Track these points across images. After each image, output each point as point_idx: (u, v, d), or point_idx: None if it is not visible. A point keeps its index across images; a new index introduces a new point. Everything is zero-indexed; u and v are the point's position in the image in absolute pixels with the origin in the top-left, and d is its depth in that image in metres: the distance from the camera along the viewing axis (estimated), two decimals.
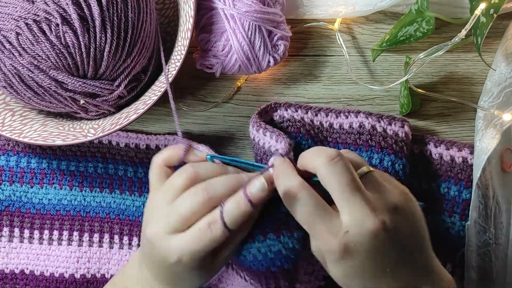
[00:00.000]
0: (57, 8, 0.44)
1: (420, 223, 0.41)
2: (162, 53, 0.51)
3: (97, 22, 0.45)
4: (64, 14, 0.45)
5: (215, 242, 0.41)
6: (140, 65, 0.50)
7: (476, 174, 0.49)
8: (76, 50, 0.46)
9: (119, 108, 0.53)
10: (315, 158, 0.40)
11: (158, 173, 0.46)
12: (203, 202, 0.42)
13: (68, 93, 0.48)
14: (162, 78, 0.52)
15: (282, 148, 0.46)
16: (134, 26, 0.48)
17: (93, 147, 0.56)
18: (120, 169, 0.56)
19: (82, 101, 0.49)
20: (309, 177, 0.42)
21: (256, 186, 0.42)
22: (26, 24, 0.45)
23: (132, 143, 0.56)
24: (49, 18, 0.45)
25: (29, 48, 0.45)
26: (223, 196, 0.42)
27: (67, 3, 0.44)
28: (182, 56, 0.49)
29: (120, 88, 0.50)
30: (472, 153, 0.51)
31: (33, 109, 0.54)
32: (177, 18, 0.54)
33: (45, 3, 0.44)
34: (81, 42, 0.45)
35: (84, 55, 0.46)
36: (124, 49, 0.48)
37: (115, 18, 0.46)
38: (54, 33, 0.45)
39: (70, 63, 0.46)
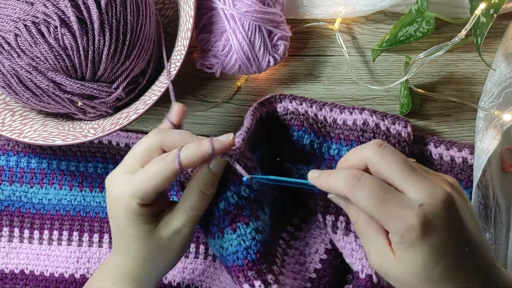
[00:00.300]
0: (56, 10, 0.44)
1: (471, 204, 0.40)
2: (164, 53, 0.51)
3: (96, 25, 0.45)
4: (63, 17, 0.45)
5: (164, 175, 0.40)
6: (138, 68, 0.50)
7: (477, 175, 0.49)
8: (74, 53, 0.46)
9: (117, 109, 0.53)
10: (362, 151, 0.38)
11: (141, 155, 0.43)
12: (155, 140, 0.42)
13: (66, 94, 0.48)
14: (162, 78, 0.52)
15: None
16: (133, 29, 0.48)
17: (93, 147, 0.56)
18: None
19: (80, 103, 0.49)
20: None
21: (222, 137, 0.42)
22: (25, 25, 0.45)
23: (132, 143, 0.56)
24: (48, 20, 0.45)
25: (28, 49, 0.45)
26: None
27: (66, 6, 0.44)
28: (182, 56, 0.49)
29: (118, 90, 0.50)
30: (472, 153, 0.51)
31: (33, 109, 0.54)
32: (177, 18, 0.53)
33: (44, 5, 0.44)
34: (80, 45, 0.45)
35: (83, 58, 0.46)
36: (122, 52, 0.48)
37: (114, 21, 0.46)
38: (52, 35, 0.45)
39: (68, 65, 0.46)
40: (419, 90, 0.52)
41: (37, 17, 0.45)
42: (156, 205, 0.43)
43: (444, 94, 0.55)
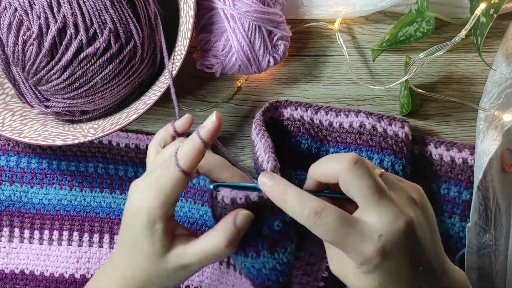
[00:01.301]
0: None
1: (434, 217, 0.40)
2: (165, 52, 0.51)
3: None
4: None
5: (170, 184, 0.40)
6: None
7: (477, 176, 0.48)
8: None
9: (117, 109, 0.53)
10: (335, 165, 0.38)
11: (154, 154, 0.46)
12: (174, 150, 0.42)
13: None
14: (162, 78, 0.52)
15: (267, 167, 0.45)
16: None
17: (93, 147, 0.56)
18: (121, 169, 0.56)
19: None
20: (316, 191, 0.41)
21: (206, 124, 0.41)
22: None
23: (132, 144, 0.56)
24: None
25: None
26: None
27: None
28: (182, 56, 0.49)
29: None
30: (472, 154, 0.51)
31: (33, 109, 0.54)
32: (177, 18, 0.53)
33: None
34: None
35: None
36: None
37: None
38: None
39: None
40: (419, 90, 0.52)
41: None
42: (171, 222, 0.42)
43: (444, 94, 0.55)
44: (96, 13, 0.45)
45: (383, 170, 0.40)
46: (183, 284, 0.55)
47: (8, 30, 0.47)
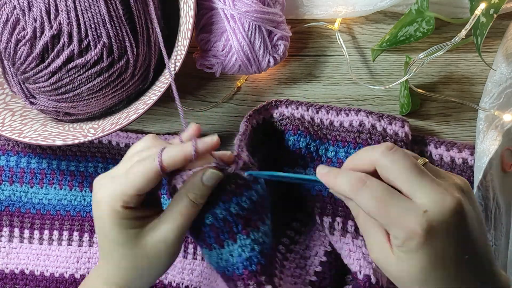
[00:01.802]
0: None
1: (480, 211, 0.39)
2: (164, 53, 0.51)
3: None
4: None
5: (146, 176, 0.39)
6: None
7: (478, 176, 0.48)
8: None
9: (117, 109, 0.53)
10: (371, 152, 0.38)
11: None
12: (148, 146, 0.41)
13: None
14: (162, 78, 0.52)
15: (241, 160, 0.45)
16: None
17: (93, 147, 0.56)
18: None
19: None
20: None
21: (207, 138, 0.41)
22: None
23: (132, 143, 0.56)
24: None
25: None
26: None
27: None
28: (182, 56, 0.49)
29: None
30: (472, 154, 0.51)
31: (33, 109, 0.54)
32: (177, 18, 0.53)
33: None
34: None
35: None
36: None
37: None
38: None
39: None
40: (419, 90, 0.52)
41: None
42: (143, 210, 0.41)
43: (444, 94, 0.55)
44: (92, 25, 0.45)
45: (427, 160, 0.38)
46: (182, 284, 0.55)
47: (4, 26, 0.47)
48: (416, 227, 0.34)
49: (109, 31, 0.46)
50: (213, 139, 0.41)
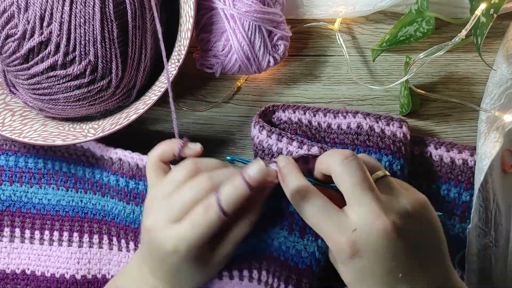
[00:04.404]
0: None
1: (437, 233, 0.40)
2: (164, 53, 0.51)
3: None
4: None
5: (211, 228, 0.40)
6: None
7: (479, 178, 0.48)
8: None
9: (117, 109, 0.53)
10: (329, 158, 0.40)
11: (155, 169, 0.45)
12: (206, 190, 0.41)
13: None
14: (162, 78, 0.52)
15: (294, 151, 0.47)
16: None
17: (78, 150, 0.55)
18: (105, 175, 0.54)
19: None
20: (325, 183, 0.42)
21: (253, 168, 0.40)
22: None
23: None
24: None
25: None
26: None
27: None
28: (182, 56, 0.49)
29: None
30: (472, 155, 0.51)
31: (33, 109, 0.54)
32: (177, 18, 0.53)
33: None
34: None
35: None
36: None
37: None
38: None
39: None
40: (419, 90, 0.52)
41: None
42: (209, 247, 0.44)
43: (444, 94, 0.55)
44: (82, 42, 0.45)
45: (389, 174, 0.40)
46: None
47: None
48: (342, 245, 0.37)
49: (98, 51, 0.46)
50: (261, 167, 0.40)
